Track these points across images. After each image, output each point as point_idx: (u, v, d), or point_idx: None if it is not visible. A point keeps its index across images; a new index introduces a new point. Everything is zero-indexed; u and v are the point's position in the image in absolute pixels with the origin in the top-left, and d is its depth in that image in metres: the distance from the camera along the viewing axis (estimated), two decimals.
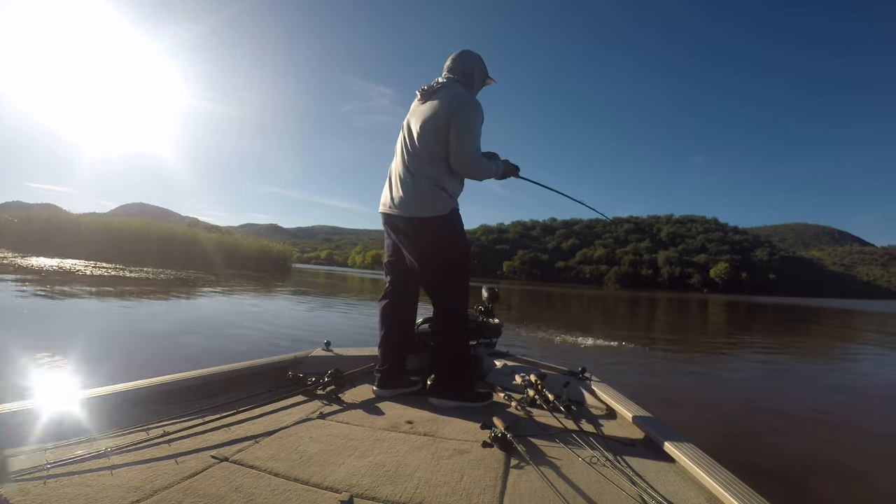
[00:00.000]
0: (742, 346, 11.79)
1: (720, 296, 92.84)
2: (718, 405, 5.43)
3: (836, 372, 8.78)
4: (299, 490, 1.53)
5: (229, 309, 11.81)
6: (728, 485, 1.53)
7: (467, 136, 2.55)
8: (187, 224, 67.07)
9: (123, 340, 6.72)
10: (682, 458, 1.80)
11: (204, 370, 2.66)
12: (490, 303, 3.60)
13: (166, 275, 21.86)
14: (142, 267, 26.52)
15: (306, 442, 1.95)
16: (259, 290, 18.42)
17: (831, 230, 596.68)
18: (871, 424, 5.07)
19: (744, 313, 28.40)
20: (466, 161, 2.58)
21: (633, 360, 8.23)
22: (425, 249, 2.66)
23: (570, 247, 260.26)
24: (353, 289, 27.90)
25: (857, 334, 17.06)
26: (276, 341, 7.55)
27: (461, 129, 2.54)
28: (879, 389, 7.13)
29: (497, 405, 2.67)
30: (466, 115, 2.56)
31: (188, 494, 1.45)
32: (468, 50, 2.88)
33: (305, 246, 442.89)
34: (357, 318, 11.90)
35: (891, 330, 18.60)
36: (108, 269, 22.21)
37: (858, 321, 25.47)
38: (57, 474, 1.51)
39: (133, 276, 19.09)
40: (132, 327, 8.01)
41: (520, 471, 1.75)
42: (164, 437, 1.87)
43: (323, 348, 3.41)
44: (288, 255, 54.44)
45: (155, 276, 20.59)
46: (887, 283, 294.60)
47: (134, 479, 1.53)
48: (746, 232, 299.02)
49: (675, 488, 1.65)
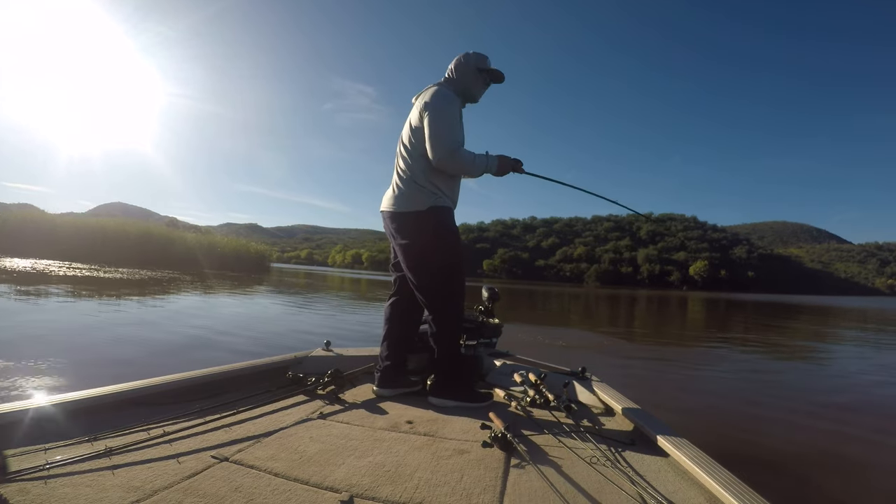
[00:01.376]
0: (726, 342, 11.80)
1: (700, 293, 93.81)
2: (710, 401, 5.42)
3: (819, 366, 8.84)
4: (299, 490, 1.53)
5: (189, 310, 10.70)
6: (728, 484, 1.53)
7: (437, 130, 2.54)
8: (166, 223, 66.26)
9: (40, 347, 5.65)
10: (682, 457, 1.81)
11: (204, 370, 2.67)
12: (490, 303, 3.59)
13: (140, 275, 21.32)
14: (117, 267, 25.95)
15: (306, 442, 1.95)
16: (233, 291, 17.67)
17: (809, 228, 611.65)
18: (861, 417, 5.05)
19: (723, 310, 28.65)
20: (441, 154, 2.53)
21: (618, 357, 8.22)
22: (407, 246, 2.68)
23: (550, 245, 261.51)
24: (332, 287, 27.54)
25: (838, 330, 17.22)
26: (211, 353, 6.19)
27: (430, 123, 2.55)
28: (865, 382, 7.13)
29: (497, 405, 2.66)
30: (434, 109, 2.57)
31: (188, 494, 1.45)
32: (466, 52, 2.86)
33: (285, 245, 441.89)
34: (337, 320, 11.39)
35: (872, 326, 18.84)
36: (82, 270, 21.68)
37: (838, 317, 25.81)
38: (57, 474, 1.51)
39: (106, 277, 18.56)
40: (64, 331, 7.03)
41: (520, 471, 1.75)
42: (164, 437, 1.87)
43: (323, 348, 3.40)
44: (266, 254, 54.15)
45: (129, 276, 20.05)
46: (864, 280, 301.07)
47: (134, 479, 1.53)
48: (725, 230, 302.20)
49: (675, 488, 1.65)
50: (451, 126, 2.58)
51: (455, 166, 2.59)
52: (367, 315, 12.72)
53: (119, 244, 34.99)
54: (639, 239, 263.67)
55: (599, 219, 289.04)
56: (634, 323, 17.10)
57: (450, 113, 2.59)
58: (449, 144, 2.53)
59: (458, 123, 2.64)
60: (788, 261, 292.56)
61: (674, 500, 1.53)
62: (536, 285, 76.58)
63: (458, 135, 2.62)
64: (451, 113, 2.60)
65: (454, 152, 2.54)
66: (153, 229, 42.08)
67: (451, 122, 2.58)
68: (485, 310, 3.56)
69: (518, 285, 13.32)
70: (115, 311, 9.53)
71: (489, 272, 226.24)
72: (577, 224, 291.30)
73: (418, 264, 2.67)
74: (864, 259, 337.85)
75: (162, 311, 10.21)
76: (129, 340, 6.56)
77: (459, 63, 2.81)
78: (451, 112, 2.60)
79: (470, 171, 2.66)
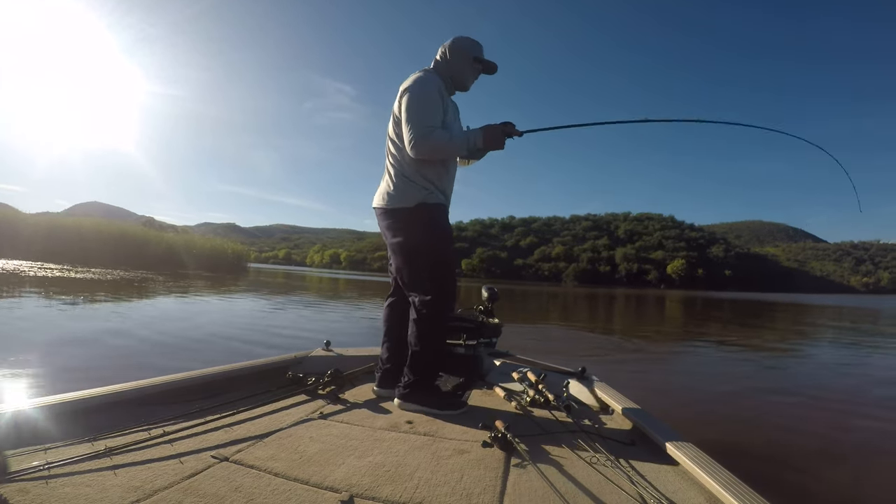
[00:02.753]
0: (706, 338, 11.89)
1: (677, 291, 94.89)
2: (705, 398, 5.43)
3: (795, 361, 8.94)
4: (299, 490, 1.53)
5: (149, 314, 9.96)
6: (728, 485, 1.53)
7: (409, 114, 2.40)
8: (143, 223, 65.28)
9: None
10: (683, 458, 1.81)
11: (204, 370, 2.67)
12: (490, 303, 3.58)
13: (113, 276, 21.12)
14: (90, 268, 25.60)
15: (306, 442, 1.95)
16: (199, 292, 16.84)
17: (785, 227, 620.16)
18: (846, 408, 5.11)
19: (700, 307, 28.99)
20: (413, 138, 2.37)
21: (611, 355, 8.26)
22: (396, 244, 2.59)
23: (528, 244, 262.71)
24: (310, 288, 27.24)
25: (813, 328, 17.49)
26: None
27: (405, 110, 2.42)
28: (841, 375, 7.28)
29: (497, 405, 2.66)
30: (408, 93, 2.44)
31: (188, 494, 1.45)
32: (460, 36, 2.72)
33: (263, 245, 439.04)
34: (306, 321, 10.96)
35: (848, 325, 19.10)
36: (54, 270, 21.59)
37: (814, 314, 26.24)
38: (57, 474, 1.51)
39: (77, 278, 18.29)
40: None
41: (520, 471, 1.75)
42: (164, 437, 1.87)
43: (323, 348, 3.40)
44: (244, 254, 53.73)
45: (101, 276, 19.78)
46: (840, 278, 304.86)
47: (134, 479, 1.53)
48: (702, 229, 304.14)
49: (675, 488, 1.66)
50: (425, 108, 2.40)
51: (431, 150, 2.40)
52: (340, 316, 12.39)
53: (94, 244, 34.68)
54: (617, 238, 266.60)
55: (578, 218, 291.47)
56: (615, 321, 17.26)
57: (424, 95, 2.42)
58: (420, 129, 2.36)
59: (434, 106, 2.44)
60: (765, 259, 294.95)
61: (674, 500, 1.54)
62: (515, 284, 76.89)
63: (432, 118, 2.41)
64: (426, 95, 2.43)
65: (426, 136, 2.36)
66: (129, 229, 41.68)
67: (425, 105, 2.41)
68: (485, 310, 3.53)
69: (497, 285, 13.39)
70: (60, 313, 8.99)
71: (468, 272, 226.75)
72: (556, 223, 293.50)
73: (407, 262, 2.57)
74: (839, 258, 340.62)
75: (112, 314, 9.41)
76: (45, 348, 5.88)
77: (452, 47, 2.65)
78: (426, 93, 2.43)
79: (449, 151, 2.47)
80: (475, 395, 2.90)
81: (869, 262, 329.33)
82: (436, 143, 2.38)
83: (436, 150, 2.41)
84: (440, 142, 2.39)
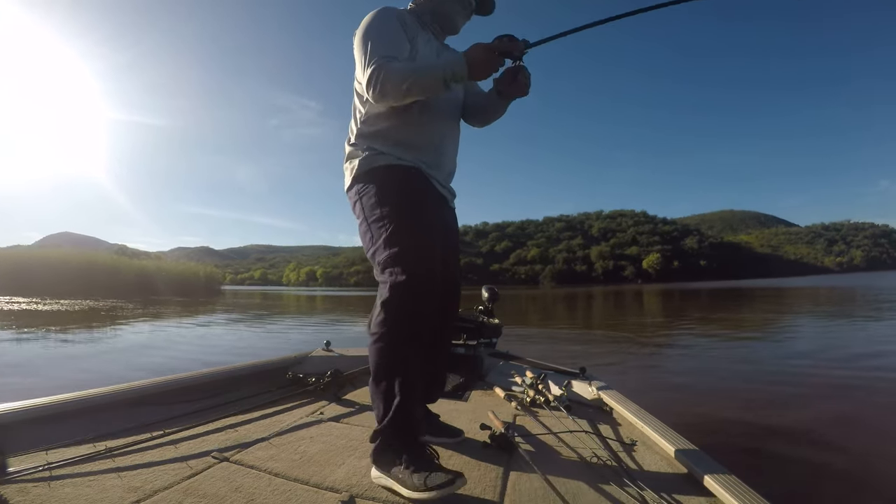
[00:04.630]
0: (687, 329, 11.83)
1: (654, 285, 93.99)
2: (696, 392, 5.34)
3: (777, 345, 9.03)
4: (300, 490, 1.52)
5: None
6: (728, 485, 1.52)
7: (361, 51, 1.78)
8: (115, 251, 64.73)
9: None
10: (683, 458, 1.79)
11: (204, 370, 2.67)
12: (490, 303, 3.58)
13: (81, 306, 20.72)
14: (59, 299, 25.27)
15: (307, 442, 1.95)
16: (157, 320, 15.38)
17: (757, 214, 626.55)
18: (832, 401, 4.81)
19: (678, 300, 28.85)
20: (368, 77, 1.71)
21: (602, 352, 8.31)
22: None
23: (503, 249, 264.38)
24: (286, 307, 27.00)
25: (787, 309, 17.46)
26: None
27: (355, 49, 1.82)
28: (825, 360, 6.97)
29: (497, 405, 2.64)
30: (358, 29, 1.83)
31: (189, 494, 1.45)
32: None
33: (239, 267, 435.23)
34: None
35: (823, 308, 18.11)
36: (21, 304, 21.36)
37: (792, 297, 26.29)
38: (57, 474, 1.52)
39: (43, 310, 18.08)
40: None
41: (520, 471, 1.74)
42: (164, 437, 1.87)
43: (323, 348, 3.41)
44: (216, 277, 53.36)
45: (68, 308, 19.48)
46: (814, 260, 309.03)
47: (134, 479, 1.53)
48: (675, 222, 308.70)
49: (675, 488, 1.64)
50: (377, 38, 1.76)
51: (393, 88, 1.69)
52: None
53: (63, 275, 34.64)
54: (591, 237, 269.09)
55: (551, 220, 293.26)
56: (596, 319, 17.13)
57: (374, 23, 1.81)
58: (372, 63, 1.71)
59: (389, 34, 1.80)
60: (739, 247, 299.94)
61: (674, 500, 1.53)
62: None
63: (387, 48, 1.75)
64: (377, 23, 1.81)
65: (380, 68, 1.69)
66: (97, 258, 41.55)
67: (377, 34, 1.78)
68: (485, 310, 3.52)
69: (475, 291, 13.11)
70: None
71: None
72: (529, 226, 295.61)
73: (366, 251, 1.86)
74: (811, 240, 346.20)
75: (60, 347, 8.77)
76: None
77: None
78: (377, 21, 1.82)
79: (417, 86, 1.69)
80: (475, 395, 2.87)
81: (841, 241, 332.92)
82: (395, 77, 1.68)
83: (397, 87, 1.69)
84: (401, 75, 1.68)
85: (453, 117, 2.03)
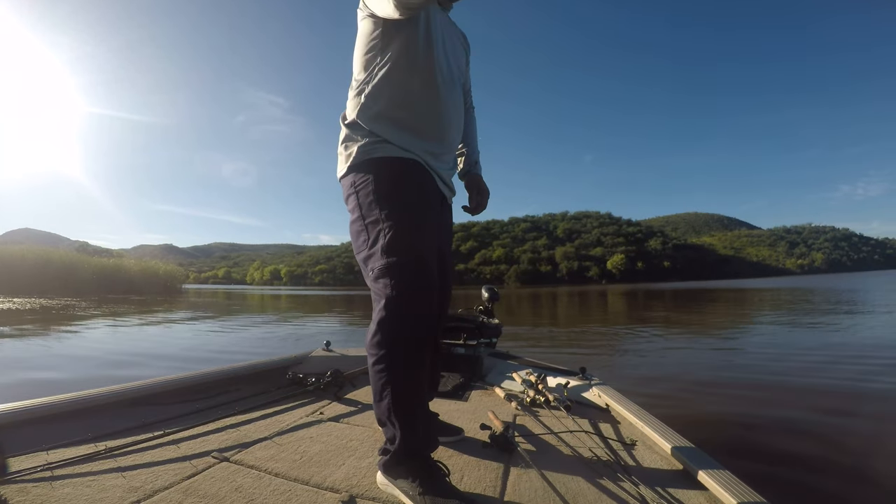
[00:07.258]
0: (657, 326, 11.90)
1: (619, 285, 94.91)
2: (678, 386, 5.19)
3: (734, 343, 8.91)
4: (300, 490, 1.53)
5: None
6: (728, 485, 1.52)
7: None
8: (76, 248, 62.73)
9: None
10: (683, 458, 1.79)
11: (204, 370, 2.68)
12: (490, 303, 3.59)
13: (32, 304, 20.22)
14: (12, 297, 24.43)
15: (307, 442, 1.96)
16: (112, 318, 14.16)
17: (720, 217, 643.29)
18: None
19: (643, 299, 28.88)
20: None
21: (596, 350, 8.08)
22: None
23: (468, 249, 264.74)
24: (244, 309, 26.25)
25: (751, 311, 17.15)
26: None
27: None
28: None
29: (497, 405, 2.64)
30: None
31: (189, 494, 1.45)
32: None
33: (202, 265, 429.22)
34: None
35: (786, 310, 18.19)
36: None
37: (753, 298, 26.02)
38: (57, 475, 1.52)
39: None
40: None
41: (520, 471, 1.75)
42: (164, 437, 1.88)
43: (323, 348, 3.41)
44: (177, 275, 52.39)
45: (20, 306, 18.92)
46: (776, 262, 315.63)
47: (134, 479, 1.53)
48: (640, 224, 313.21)
49: (675, 488, 1.64)
50: None
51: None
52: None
53: (18, 273, 33.77)
54: (556, 237, 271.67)
55: (516, 220, 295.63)
56: (561, 317, 16.99)
57: None
58: None
59: None
60: (702, 249, 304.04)
61: (674, 500, 1.53)
62: (457, 289, 75.99)
63: None
64: None
65: None
66: (53, 255, 40.15)
67: None
68: (485, 310, 3.53)
69: (475, 290, 12.64)
70: None
71: None
72: (495, 227, 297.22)
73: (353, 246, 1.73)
74: (773, 243, 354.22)
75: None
76: None
77: None
78: None
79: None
80: (475, 395, 2.87)
81: (802, 244, 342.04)
82: None
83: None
84: None
85: (457, 94, 1.86)
